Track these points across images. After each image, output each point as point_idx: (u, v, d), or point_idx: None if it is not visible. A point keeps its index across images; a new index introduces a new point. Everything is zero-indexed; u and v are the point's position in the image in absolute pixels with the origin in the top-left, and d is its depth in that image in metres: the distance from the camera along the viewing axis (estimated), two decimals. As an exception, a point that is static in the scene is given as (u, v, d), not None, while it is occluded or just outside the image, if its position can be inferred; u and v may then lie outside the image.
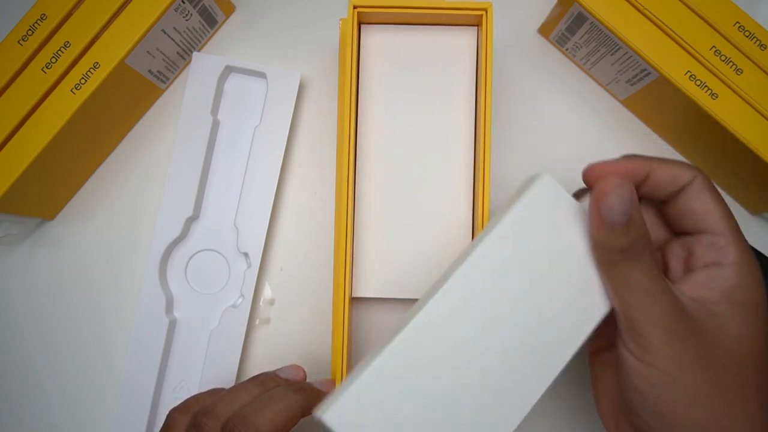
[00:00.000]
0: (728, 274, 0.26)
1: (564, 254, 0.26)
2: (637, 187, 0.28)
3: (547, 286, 0.26)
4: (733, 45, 0.37)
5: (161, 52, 0.40)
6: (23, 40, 0.36)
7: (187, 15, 0.40)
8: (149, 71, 0.40)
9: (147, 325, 0.39)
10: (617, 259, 0.25)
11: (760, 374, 0.25)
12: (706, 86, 0.37)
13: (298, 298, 0.41)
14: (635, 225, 0.25)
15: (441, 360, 0.24)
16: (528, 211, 0.26)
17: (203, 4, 0.40)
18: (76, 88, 0.36)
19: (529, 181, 0.28)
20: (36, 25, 0.36)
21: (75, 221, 0.42)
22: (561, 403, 0.40)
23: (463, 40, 0.36)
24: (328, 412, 0.23)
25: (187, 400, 0.32)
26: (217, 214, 0.41)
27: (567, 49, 0.43)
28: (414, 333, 0.24)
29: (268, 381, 0.32)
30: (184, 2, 0.38)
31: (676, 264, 0.29)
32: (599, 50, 0.40)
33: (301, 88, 0.43)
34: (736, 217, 0.42)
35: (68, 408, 0.41)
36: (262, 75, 0.41)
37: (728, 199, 0.43)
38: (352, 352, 0.36)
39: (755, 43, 0.37)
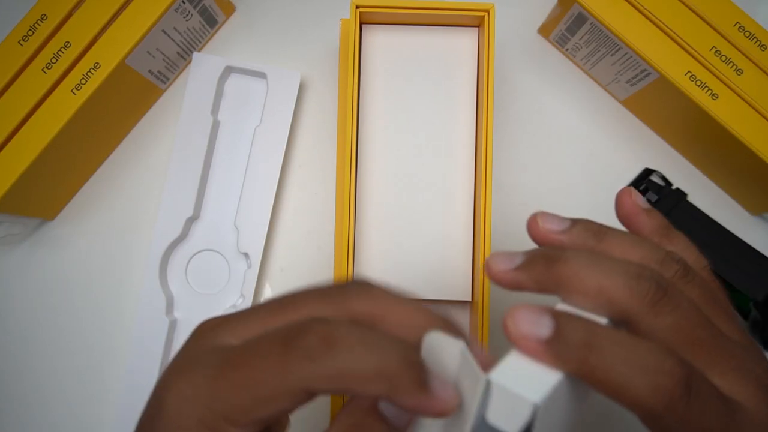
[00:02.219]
0: None
1: None
2: None
3: None
4: (734, 45, 0.37)
5: (161, 53, 0.40)
6: (24, 40, 0.36)
7: (187, 15, 0.40)
8: (149, 71, 0.40)
9: (147, 325, 0.39)
10: (695, 419, 0.19)
11: None
12: (706, 86, 0.37)
13: (298, 298, 0.41)
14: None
15: None
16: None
17: (203, 4, 0.40)
18: (76, 89, 0.36)
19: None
20: (36, 25, 0.36)
21: (75, 221, 0.42)
22: None
23: (464, 41, 0.36)
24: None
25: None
26: (217, 215, 0.41)
27: (567, 50, 0.43)
28: None
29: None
30: (184, 2, 0.38)
31: None
32: (599, 50, 0.40)
33: (301, 88, 0.43)
34: (737, 218, 0.43)
35: (69, 408, 0.41)
36: (262, 75, 0.41)
37: (728, 200, 0.43)
38: None
39: (755, 43, 0.37)
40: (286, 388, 0.19)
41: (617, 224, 0.42)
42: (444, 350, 0.19)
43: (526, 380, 0.18)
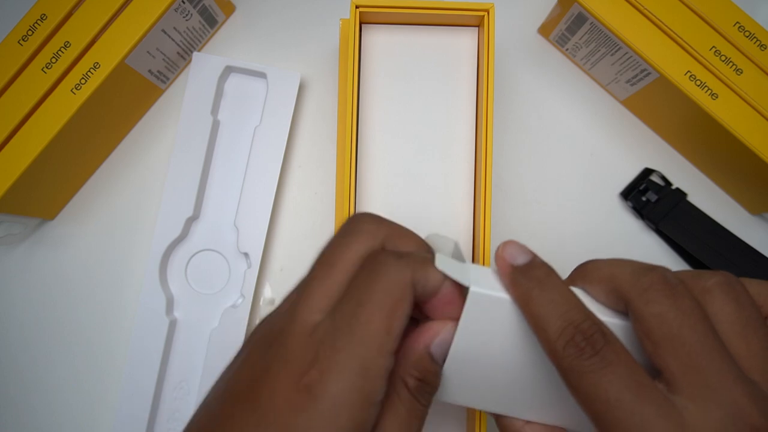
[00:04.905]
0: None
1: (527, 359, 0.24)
2: None
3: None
4: (733, 45, 0.37)
5: (161, 52, 0.40)
6: (23, 40, 0.36)
7: (187, 15, 0.40)
8: (149, 71, 0.40)
9: (147, 325, 0.39)
10: (578, 366, 0.21)
11: None
12: (706, 86, 0.37)
13: (298, 298, 0.41)
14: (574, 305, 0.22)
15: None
16: (470, 334, 0.24)
17: (203, 4, 0.40)
18: (76, 88, 0.36)
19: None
20: (36, 25, 0.36)
21: (75, 221, 0.42)
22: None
23: (464, 41, 0.36)
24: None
25: None
26: (217, 214, 0.41)
27: (567, 50, 0.43)
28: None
29: None
30: (184, 2, 0.38)
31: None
32: (599, 50, 0.40)
33: (301, 88, 0.43)
34: (736, 218, 0.43)
35: (69, 408, 0.41)
36: (262, 75, 0.41)
37: (728, 199, 0.43)
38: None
39: (755, 43, 0.37)
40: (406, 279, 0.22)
41: (615, 225, 0.42)
42: (443, 244, 0.26)
43: (483, 280, 0.24)
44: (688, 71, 0.37)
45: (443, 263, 0.24)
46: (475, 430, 0.32)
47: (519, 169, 0.42)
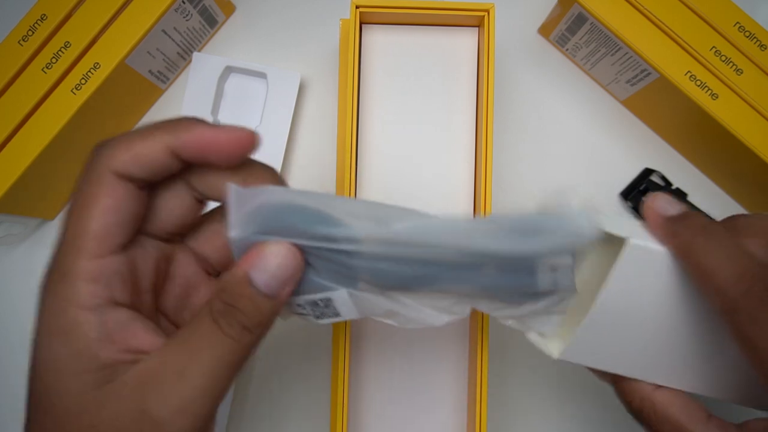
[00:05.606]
0: None
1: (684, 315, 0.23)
2: None
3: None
4: (733, 45, 0.37)
5: (161, 53, 0.40)
6: (23, 40, 0.36)
7: (187, 15, 0.40)
8: (149, 71, 0.40)
9: (147, 325, 0.39)
10: (760, 316, 0.20)
11: None
12: (706, 86, 0.37)
13: (298, 298, 0.41)
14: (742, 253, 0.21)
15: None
16: (619, 290, 0.23)
17: (203, 4, 0.40)
18: (76, 89, 0.36)
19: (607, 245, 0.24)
20: (36, 25, 0.36)
21: (75, 221, 0.42)
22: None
23: (464, 41, 0.36)
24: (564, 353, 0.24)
25: None
26: (217, 215, 0.41)
27: (567, 50, 0.43)
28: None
29: None
30: (184, 2, 0.38)
31: None
32: (599, 50, 0.40)
33: (301, 88, 0.43)
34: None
35: (69, 408, 0.41)
36: (262, 75, 0.41)
37: (728, 200, 0.43)
38: (352, 352, 0.36)
39: (755, 43, 0.37)
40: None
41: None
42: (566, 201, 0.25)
43: (635, 231, 0.23)
44: (688, 71, 0.37)
45: (603, 222, 0.23)
46: (475, 413, 0.32)
47: (519, 169, 0.42)
